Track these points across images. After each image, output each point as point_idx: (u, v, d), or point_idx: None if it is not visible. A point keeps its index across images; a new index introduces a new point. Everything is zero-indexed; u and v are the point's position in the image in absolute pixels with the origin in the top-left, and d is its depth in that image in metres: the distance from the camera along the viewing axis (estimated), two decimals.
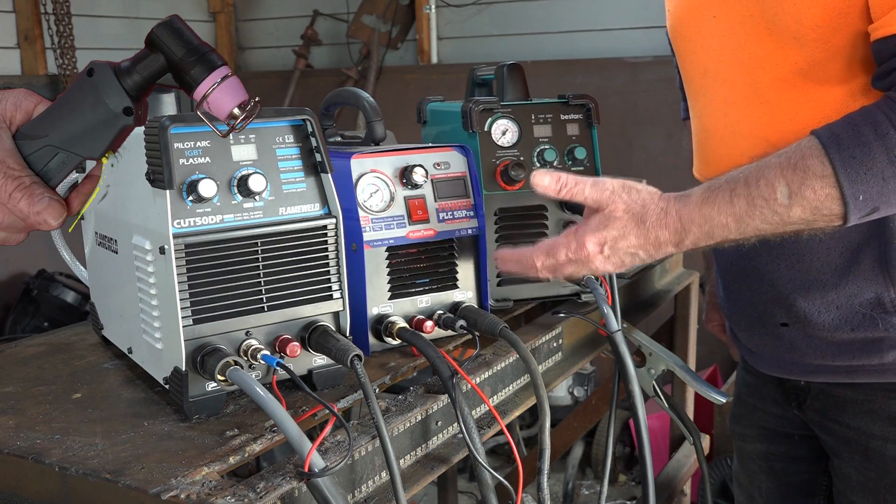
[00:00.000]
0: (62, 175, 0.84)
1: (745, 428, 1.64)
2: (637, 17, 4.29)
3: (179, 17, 0.86)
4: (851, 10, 1.14)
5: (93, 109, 0.83)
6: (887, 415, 1.33)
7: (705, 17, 1.34)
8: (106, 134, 0.83)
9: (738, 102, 1.32)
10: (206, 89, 0.83)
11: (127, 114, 0.83)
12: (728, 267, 1.47)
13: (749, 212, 1.10)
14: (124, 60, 0.84)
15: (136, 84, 0.83)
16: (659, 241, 1.14)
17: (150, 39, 0.84)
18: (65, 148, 0.83)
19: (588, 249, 1.14)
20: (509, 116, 1.49)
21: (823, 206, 1.07)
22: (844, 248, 1.27)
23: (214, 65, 0.84)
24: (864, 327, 1.29)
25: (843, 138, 1.07)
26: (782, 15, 1.20)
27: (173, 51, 0.84)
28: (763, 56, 1.25)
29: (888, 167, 1.05)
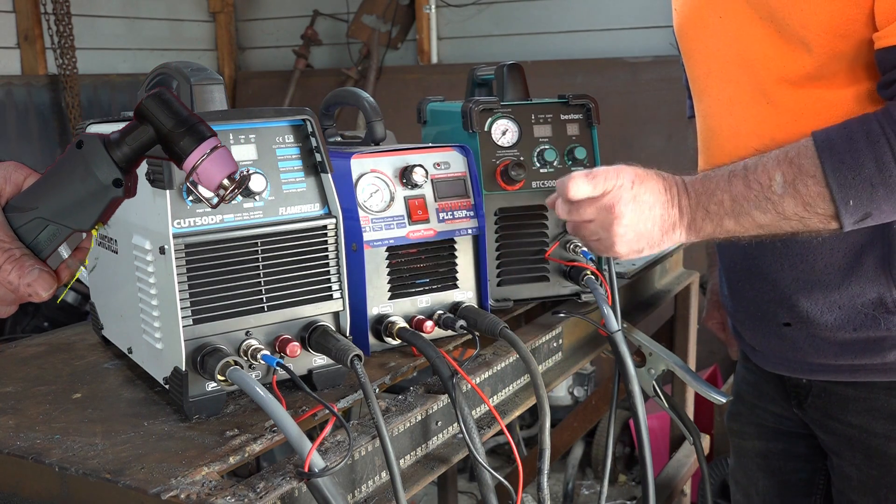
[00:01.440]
0: (52, 247, 0.85)
1: (744, 426, 1.64)
2: (637, 17, 4.29)
3: (169, 88, 0.87)
4: (859, 18, 1.15)
5: (82, 181, 0.83)
6: (889, 413, 1.34)
7: (712, 17, 1.34)
8: (96, 206, 0.84)
9: (744, 102, 1.32)
10: (196, 161, 0.84)
11: (116, 186, 0.83)
12: (732, 266, 1.47)
13: (745, 194, 1.13)
14: (113, 132, 0.85)
15: (125, 156, 0.84)
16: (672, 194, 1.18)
17: (139, 111, 0.85)
18: (55, 220, 0.84)
19: (624, 176, 1.17)
20: (509, 116, 1.49)
21: (815, 203, 1.10)
22: (847, 248, 1.28)
23: (203, 136, 0.84)
24: (867, 327, 1.29)
25: (836, 143, 1.10)
26: (790, 19, 1.20)
27: (162, 122, 0.84)
28: (770, 57, 1.25)
29: (876, 175, 1.07)
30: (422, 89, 4.60)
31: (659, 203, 1.18)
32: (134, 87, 4.66)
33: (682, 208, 1.18)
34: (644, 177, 1.18)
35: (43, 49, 4.39)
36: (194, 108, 1.11)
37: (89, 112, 4.55)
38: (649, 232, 1.18)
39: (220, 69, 5.56)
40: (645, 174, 1.18)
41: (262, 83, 5.54)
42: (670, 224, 1.19)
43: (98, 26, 4.80)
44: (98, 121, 1.32)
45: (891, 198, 1.08)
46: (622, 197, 1.16)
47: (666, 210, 1.18)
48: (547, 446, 1.24)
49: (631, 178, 1.17)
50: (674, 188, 1.19)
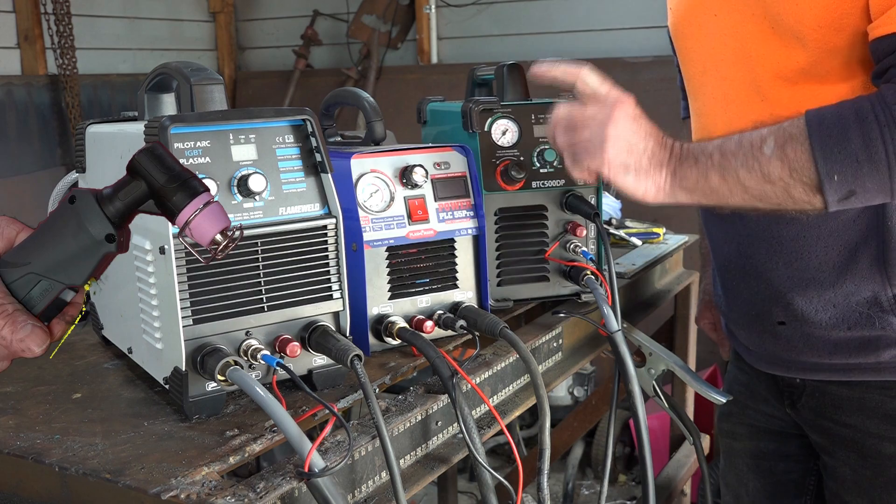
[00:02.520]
0: (45, 302, 0.85)
1: (735, 426, 1.64)
2: (637, 17, 4.29)
3: (161, 143, 0.87)
4: (853, 11, 1.15)
5: (75, 237, 0.83)
6: (883, 413, 1.34)
7: (707, 15, 1.34)
8: (88, 261, 0.84)
9: (739, 100, 1.32)
10: (189, 216, 0.84)
11: (109, 241, 0.83)
12: (726, 265, 1.47)
13: (734, 151, 1.13)
14: (106, 187, 0.85)
15: (118, 211, 0.84)
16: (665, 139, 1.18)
17: (131, 166, 0.85)
18: (47, 275, 0.84)
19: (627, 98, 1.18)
20: (509, 116, 1.49)
21: (801, 169, 1.09)
22: (842, 246, 1.28)
23: (196, 191, 0.85)
24: (861, 326, 1.29)
25: (827, 118, 1.10)
26: (784, 14, 1.20)
27: (155, 177, 0.84)
28: (765, 54, 1.26)
29: (862, 151, 1.07)
30: (422, 89, 4.60)
31: (653, 137, 1.18)
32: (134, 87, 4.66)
33: (673, 152, 1.17)
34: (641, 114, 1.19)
35: (43, 49, 4.39)
36: (194, 108, 1.11)
37: (89, 112, 4.55)
38: (640, 152, 1.17)
39: (220, 69, 5.56)
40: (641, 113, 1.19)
41: (262, 83, 5.54)
42: (658, 160, 1.17)
43: (98, 26, 4.80)
44: (98, 120, 1.32)
45: (875, 175, 1.07)
46: (624, 108, 1.16)
47: (658, 145, 1.17)
48: (547, 446, 1.24)
49: (634, 105, 1.18)
50: (669, 138, 1.19)
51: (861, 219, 1.25)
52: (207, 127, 1.08)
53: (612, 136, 1.15)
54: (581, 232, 1.50)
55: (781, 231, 1.32)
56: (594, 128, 1.16)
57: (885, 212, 1.23)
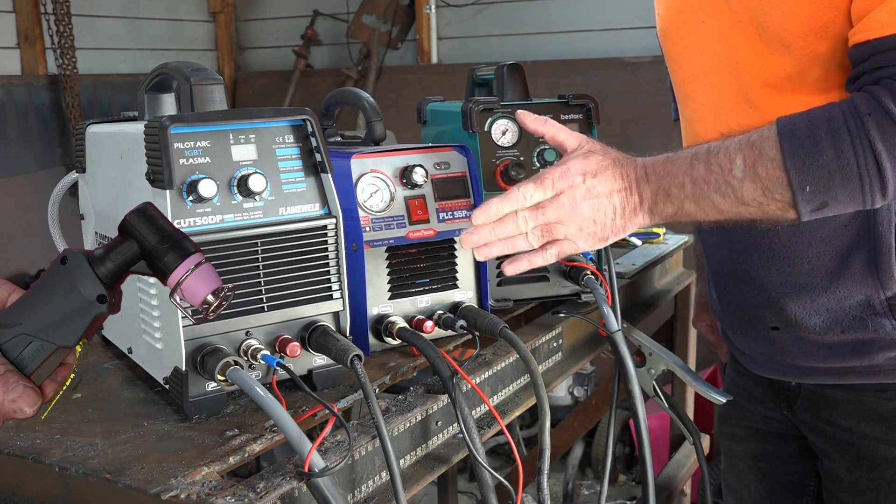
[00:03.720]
0: (36, 363, 0.86)
1: (735, 428, 1.64)
2: (637, 17, 4.29)
3: (152, 204, 0.87)
4: (837, 19, 1.15)
5: (66, 297, 0.84)
6: (878, 415, 1.33)
7: (694, 21, 1.34)
8: (80, 322, 0.85)
9: (727, 107, 1.32)
10: (180, 276, 0.85)
11: (101, 301, 0.84)
12: (719, 270, 1.46)
13: (706, 177, 1.12)
14: (97, 248, 0.86)
15: (109, 272, 0.85)
16: (630, 181, 1.17)
17: (123, 227, 0.86)
18: (39, 336, 0.84)
19: (573, 175, 1.15)
20: (509, 116, 1.49)
21: (773, 188, 1.09)
22: (834, 251, 1.27)
23: (188, 252, 0.85)
24: (854, 329, 1.29)
25: (798, 128, 1.09)
26: (770, 22, 1.20)
27: (146, 238, 0.85)
28: (752, 61, 1.25)
29: (834, 162, 1.06)
30: (422, 89, 4.59)
31: (616, 191, 1.16)
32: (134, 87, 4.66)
33: (643, 193, 1.17)
34: (596, 170, 1.16)
35: (43, 49, 4.39)
36: (194, 108, 1.11)
37: (89, 112, 4.55)
38: (611, 220, 1.17)
39: (220, 69, 5.56)
40: (598, 166, 1.17)
41: (262, 83, 5.54)
42: (631, 210, 1.17)
43: (98, 26, 4.80)
44: (98, 120, 1.32)
45: (847, 186, 1.07)
46: (576, 195, 1.15)
47: (625, 196, 1.17)
48: (547, 446, 1.24)
49: (581, 173, 1.16)
50: (632, 174, 1.17)
51: (852, 224, 1.25)
52: (207, 127, 1.08)
53: (581, 225, 1.16)
54: None
55: (774, 237, 1.32)
56: (562, 227, 1.16)
57: (876, 217, 1.23)
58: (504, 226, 1.17)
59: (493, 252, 1.18)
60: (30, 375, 0.85)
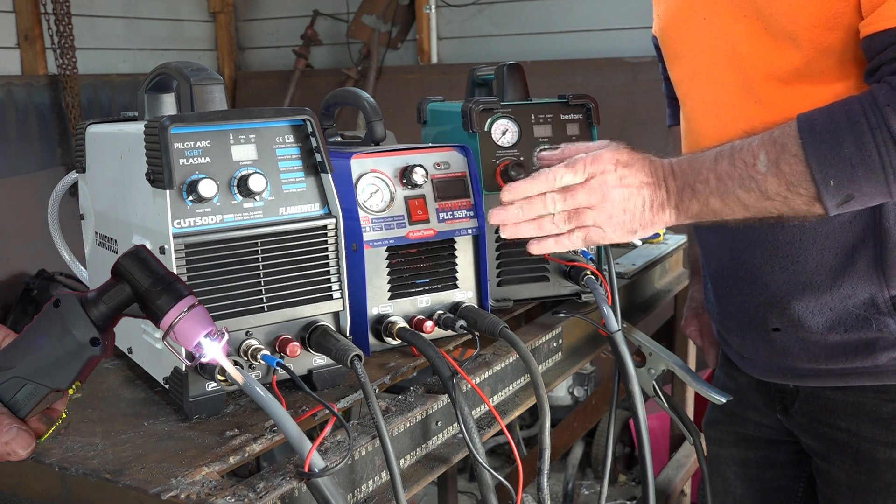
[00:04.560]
0: (30, 406, 0.86)
1: (722, 433, 1.63)
2: (637, 17, 4.29)
3: (145, 247, 0.88)
4: (847, 10, 1.14)
5: (59, 340, 0.84)
6: (878, 417, 1.32)
7: (695, 18, 1.34)
8: (73, 365, 0.85)
9: (731, 103, 1.31)
10: (173, 319, 0.85)
11: (94, 344, 0.84)
12: (719, 271, 1.46)
13: (730, 173, 1.13)
14: (91, 291, 0.86)
15: (102, 314, 0.85)
16: (658, 176, 1.17)
17: (116, 270, 0.86)
18: (32, 379, 0.85)
19: (605, 162, 1.16)
20: (509, 116, 1.49)
21: (797, 182, 1.09)
22: (839, 249, 1.27)
23: (180, 295, 0.86)
24: (858, 328, 1.28)
25: (818, 123, 1.09)
26: (777, 14, 1.20)
27: (139, 281, 0.85)
28: (757, 56, 1.25)
29: (856, 154, 1.06)
30: (422, 89, 4.60)
31: (645, 184, 1.17)
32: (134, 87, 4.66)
33: (670, 189, 1.17)
34: (627, 161, 1.17)
35: (43, 49, 4.39)
36: (194, 108, 1.11)
37: (89, 112, 4.55)
38: (640, 213, 1.17)
39: (220, 69, 5.56)
40: (629, 158, 1.17)
41: (262, 83, 5.54)
42: (659, 204, 1.17)
43: (98, 26, 4.80)
44: (98, 120, 1.32)
45: (871, 178, 1.07)
46: (607, 180, 1.15)
47: (653, 190, 1.17)
48: (547, 446, 1.24)
49: (613, 161, 1.16)
50: (659, 170, 1.18)
51: (858, 221, 1.24)
52: (207, 127, 1.08)
53: (611, 213, 1.16)
54: None
55: (777, 235, 1.31)
56: (592, 213, 1.16)
57: (882, 213, 1.23)
58: (533, 205, 1.17)
59: (520, 231, 1.19)
60: (23, 418, 0.86)
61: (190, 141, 1.06)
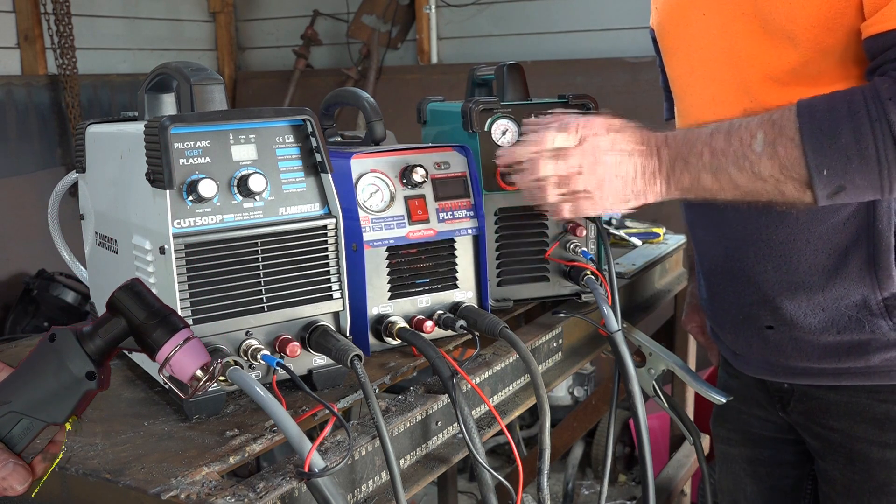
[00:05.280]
0: (26, 441, 0.86)
1: (730, 432, 1.63)
2: (637, 17, 4.28)
3: (140, 280, 0.88)
4: (847, 10, 1.14)
5: (55, 375, 0.85)
6: (871, 417, 1.32)
7: (694, 14, 1.33)
8: (69, 399, 0.85)
9: (727, 101, 1.31)
10: (169, 352, 0.86)
11: (90, 378, 0.85)
12: (713, 269, 1.45)
13: (724, 149, 1.12)
14: (86, 325, 0.86)
15: (98, 348, 0.85)
16: (650, 145, 1.16)
17: (111, 303, 0.86)
18: (28, 414, 0.85)
19: (597, 126, 1.16)
20: (509, 116, 1.49)
21: (791, 166, 1.08)
22: (832, 249, 1.27)
23: (176, 327, 0.86)
24: (851, 329, 1.28)
25: (818, 110, 1.08)
26: (776, 13, 1.19)
27: (134, 314, 0.86)
28: (754, 54, 1.25)
29: (853, 145, 1.06)
30: (422, 89, 4.60)
31: (637, 151, 1.16)
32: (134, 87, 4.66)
33: (662, 157, 1.16)
34: (619, 127, 1.17)
35: (43, 49, 4.39)
36: (194, 108, 1.11)
37: (89, 112, 4.55)
38: (632, 179, 1.16)
39: (220, 69, 5.56)
40: (620, 125, 1.17)
41: (262, 83, 5.54)
42: (650, 172, 1.16)
43: (98, 26, 4.80)
44: (98, 120, 1.32)
45: (865, 171, 1.06)
46: (599, 144, 1.15)
47: (645, 158, 1.16)
48: (547, 446, 1.24)
49: (605, 126, 1.16)
50: (651, 140, 1.17)
51: (851, 221, 1.24)
52: (207, 127, 1.08)
53: (602, 179, 1.16)
54: (581, 232, 1.50)
55: (771, 234, 1.31)
56: (584, 177, 1.16)
57: (876, 214, 1.22)
58: (524, 169, 1.18)
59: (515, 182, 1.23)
60: (20, 453, 0.86)
61: (190, 141, 1.06)
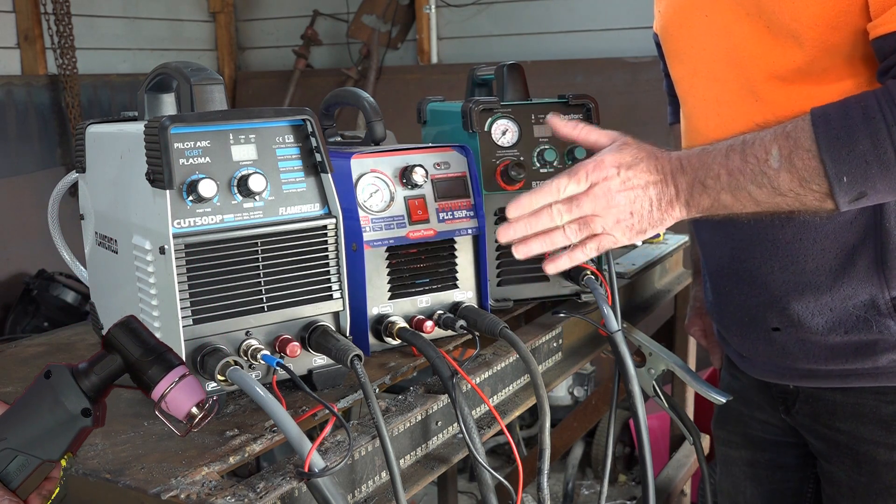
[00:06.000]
0: (21, 478, 0.87)
1: (731, 434, 1.62)
2: (637, 17, 4.29)
3: (135, 317, 0.88)
4: (852, 9, 1.14)
5: (51, 411, 0.85)
6: (878, 418, 1.32)
7: (697, 16, 1.33)
8: (65, 436, 0.85)
9: (732, 101, 1.31)
10: (164, 389, 0.86)
11: (85, 415, 0.85)
12: (719, 270, 1.45)
13: (741, 168, 1.11)
14: (81, 362, 0.86)
15: (93, 385, 0.86)
16: (665, 173, 1.16)
17: (106, 340, 0.87)
18: (24, 451, 0.85)
19: (607, 167, 1.15)
20: (509, 116, 1.49)
21: (810, 178, 1.08)
22: (840, 249, 1.26)
23: (171, 365, 0.86)
24: (858, 330, 1.28)
25: (833, 118, 1.08)
26: (780, 13, 1.19)
27: (130, 351, 0.86)
28: (759, 54, 1.24)
29: (871, 151, 1.05)
30: (422, 89, 4.60)
31: (652, 183, 1.15)
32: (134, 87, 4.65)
33: (679, 185, 1.16)
34: (631, 162, 1.16)
35: (43, 49, 4.39)
36: (194, 108, 1.11)
37: (89, 112, 4.55)
38: (648, 213, 1.16)
39: (220, 69, 5.56)
40: (632, 159, 1.16)
41: (262, 83, 5.54)
42: (667, 202, 1.16)
43: (98, 26, 4.80)
44: (98, 120, 1.32)
45: (886, 176, 1.06)
46: (611, 186, 1.14)
47: (661, 188, 1.16)
48: (547, 446, 1.24)
49: (615, 165, 1.15)
50: (667, 166, 1.16)
51: (858, 221, 1.24)
52: (207, 127, 1.08)
53: (618, 218, 1.15)
54: None
55: (777, 235, 1.30)
56: (599, 220, 1.16)
57: (883, 213, 1.22)
58: (539, 219, 1.16)
59: (532, 249, 1.18)
60: (15, 490, 0.86)
61: (190, 141, 1.06)
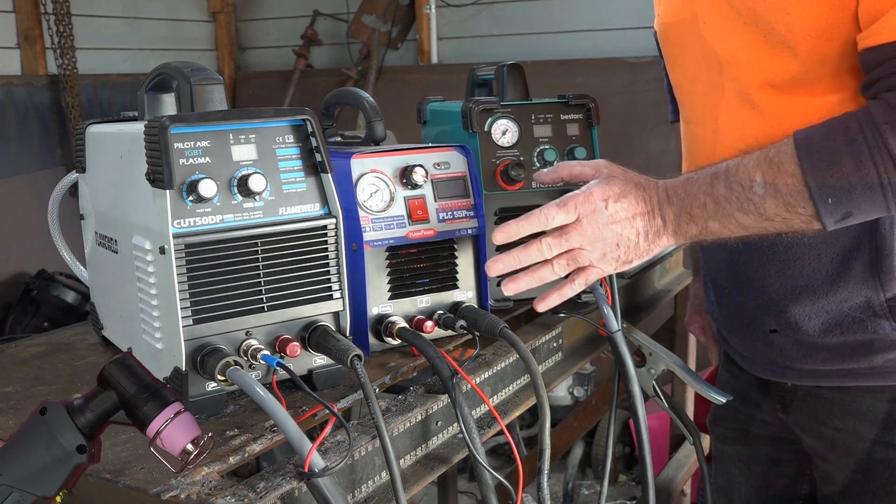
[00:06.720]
0: None
1: (726, 430, 1.63)
2: (637, 17, 4.29)
3: (131, 353, 0.89)
4: (844, 21, 1.14)
5: (46, 448, 0.85)
6: (875, 417, 1.32)
7: (696, 21, 1.34)
8: (60, 472, 0.86)
9: (729, 108, 1.31)
10: (159, 426, 0.87)
11: (80, 451, 0.85)
12: (718, 273, 1.46)
13: (727, 196, 1.13)
14: (77, 398, 0.87)
15: (88, 422, 0.86)
16: (653, 205, 1.17)
17: (102, 377, 0.87)
18: (19, 487, 0.86)
19: (595, 200, 1.16)
20: (509, 116, 1.49)
21: (796, 202, 1.09)
22: (835, 253, 1.27)
23: (167, 401, 0.87)
24: (854, 330, 1.29)
25: (815, 141, 1.09)
26: (775, 23, 1.19)
27: (125, 388, 0.87)
28: (754, 62, 1.25)
29: (854, 173, 1.06)
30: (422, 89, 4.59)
31: (638, 215, 1.18)
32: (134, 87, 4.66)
33: (666, 216, 1.18)
34: (619, 194, 1.17)
35: (43, 49, 4.39)
36: (194, 108, 1.11)
37: (89, 112, 4.55)
38: (634, 244, 1.19)
39: (220, 69, 5.56)
40: (620, 190, 1.17)
41: (262, 83, 5.54)
42: (654, 233, 1.19)
43: (98, 26, 4.80)
44: (98, 120, 1.32)
45: (870, 196, 1.07)
46: (598, 220, 1.16)
47: (647, 220, 1.18)
48: (547, 446, 1.24)
49: (603, 198, 1.17)
50: (654, 197, 1.18)
51: (854, 226, 1.23)
52: (207, 127, 1.08)
53: (604, 251, 1.18)
54: None
55: (774, 241, 1.30)
56: (586, 253, 1.18)
57: (878, 219, 1.22)
58: (528, 253, 1.19)
59: (521, 286, 1.21)
60: None
61: (190, 141, 1.06)
